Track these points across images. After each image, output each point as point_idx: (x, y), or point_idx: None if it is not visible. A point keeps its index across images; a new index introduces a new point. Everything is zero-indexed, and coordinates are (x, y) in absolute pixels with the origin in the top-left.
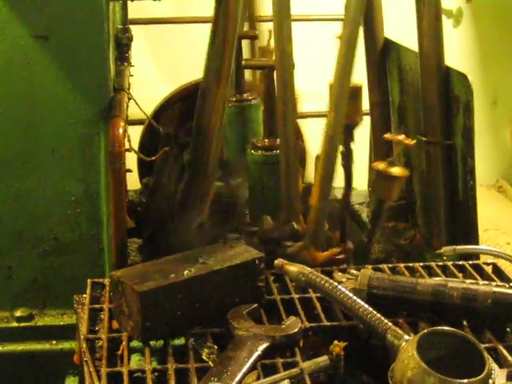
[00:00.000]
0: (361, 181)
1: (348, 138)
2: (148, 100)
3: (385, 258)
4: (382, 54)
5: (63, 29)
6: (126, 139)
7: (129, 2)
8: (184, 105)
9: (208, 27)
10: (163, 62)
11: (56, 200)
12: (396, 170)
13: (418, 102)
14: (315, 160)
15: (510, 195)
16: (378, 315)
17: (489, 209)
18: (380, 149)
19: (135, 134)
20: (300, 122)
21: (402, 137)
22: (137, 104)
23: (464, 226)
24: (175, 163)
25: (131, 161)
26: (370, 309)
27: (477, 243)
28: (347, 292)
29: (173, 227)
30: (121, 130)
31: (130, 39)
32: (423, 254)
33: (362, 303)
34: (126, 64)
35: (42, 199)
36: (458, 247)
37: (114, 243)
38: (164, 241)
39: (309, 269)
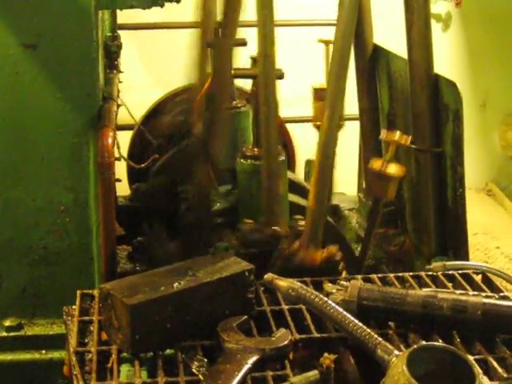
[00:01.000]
0: (350, 186)
1: None
2: (137, 105)
3: (374, 265)
4: (372, 60)
5: (52, 38)
6: (116, 147)
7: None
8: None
9: (195, 32)
10: (152, 67)
11: (45, 209)
12: (392, 169)
13: (408, 109)
14: (305, 164)
15: (499, 199)
16: (368, 330)
17: (478, 213)
18: (370, 155)
19: (125, 138)
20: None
21: (397, 136)
22: (129, 112)
23: (454, 234)
24: None
25: (120, 167)
26: (360, 324)
27: (467, 251)
28: (337, 307)
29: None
30: (110, 140)
31: (119, 47)
32: (413, 260)
33: (352, 318)
34: (115, 72)
35: (31, 208)
36: (448, 263)
37: (103, 253)
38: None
39: (298, 284)
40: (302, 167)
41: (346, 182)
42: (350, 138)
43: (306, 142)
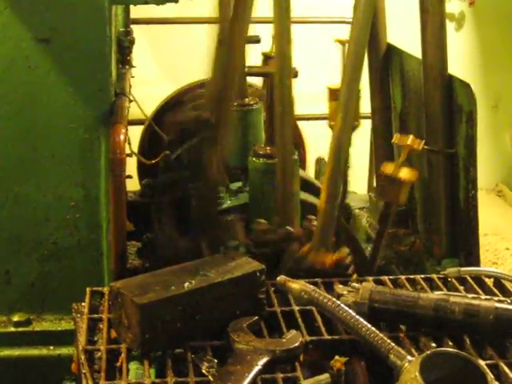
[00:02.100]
0: (361, 185)
1: None
2: (149, 100)
3: (385, 265)
4: (385, 60)
5: (65, 32)
6: (127, 143)
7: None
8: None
9: (209, 28)
10: (164, 62)
11: (55, 205)
12: (404, 174)
13: (420, 108)
14: (315, 163)
15: (509, 200)
16: (381, 335)
17: (488, 213)
18: (381, 154)
19: (136, 133)
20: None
21: (410, 140)
22: (139, 108)
23: (465, 235)
24: None
25: (131, 162)
26: (373, 328)
27: (478, 253)
28: (350, 311)
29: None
30: (122, 137)
31: (132, 42)
32: (423, 261)
33: (365, 323)
34: (127, 67)
35: (41, 203)
36: (463, 269)
37: (113, 250)
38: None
39: (311, 286)
40: (312, 165)
41: (357, 180)
42: (361, 136)
43: (316, 140)
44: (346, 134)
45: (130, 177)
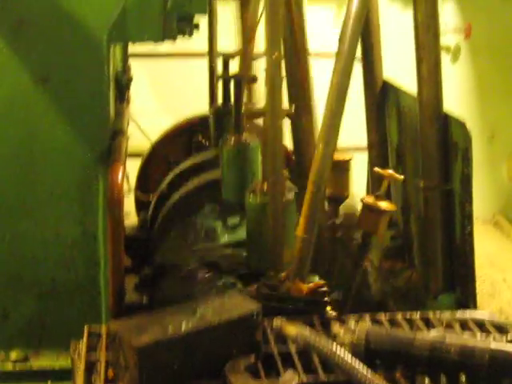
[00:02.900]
0: None
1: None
2: (147, 130)
3: (382, 300)
4: (381, 95)
5: (63, 71)
6: (125, 180)
7: None
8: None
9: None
10: (163, 94)
11: (54, 242)
12: (384, 204)
13: (416, 144)
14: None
15: (506, 231)
16: (377, 382)
17: (485, 244)
18: (377, 190)
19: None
20: None
21: (390, 172)
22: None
23: (461, 271)
24: None
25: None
26: (369, 375)
27: (474, 289)
28: (345, 356)
29: None
30: (120, 177)
31: (130, 79)
32: (420, 296)
33: (361, 369)
34: (125, 104)
35: (39, 241)
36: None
37: (111, 289)
38: None
39: (307, 330)
40: None
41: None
42: (359, 169)
43: None
44: (327, 163)
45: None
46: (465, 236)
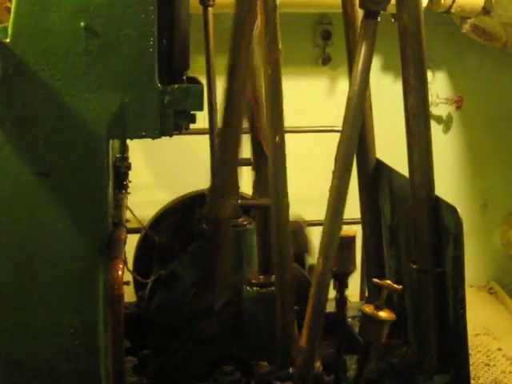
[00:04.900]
0: (353, 291)
1: (341, 286)
2: (143, 205)
3: (377, 378)
4: (374, 174)
5: (64, 166)
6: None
7: None
8: (180, 215)
9: (205, 138)
10: (159, 168)
11: (54, 332)
12: (383, 314)
13: (409, 225)
14: (308, 270)
15: (500, 297)
16: None
17: (480, 312)
18: (372, 266)
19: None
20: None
21: (388, 282)
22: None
23: (454, 353)
24: None
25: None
26: None
27: (468, 372)
28: None
29: None
30: (120, 273)
31: (129, 168)
32: (414, 376)
33: None
34: (123, 192)
35: (39, 331)
36: None
37: (112, 376)
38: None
39: None
40: None
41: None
42: None
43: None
44: (327, 277)
45: (127, 283)
46: (458, 319)
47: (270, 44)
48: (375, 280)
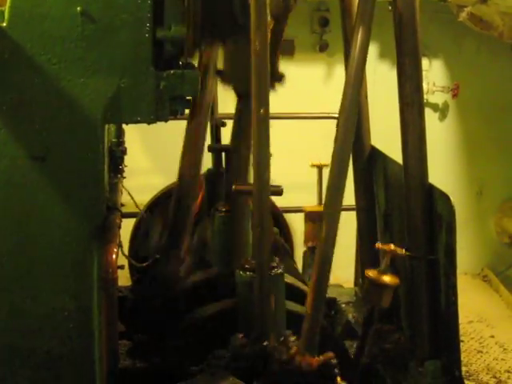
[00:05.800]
0: (347, 277)
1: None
2: (140, 189)
3: (370, 363)
4: (369, 161)
5: (60, 151)
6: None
7: None
8: None
9: None
10: (155, 153)
11: (49, 315)
12: (387, 278)
13: (403, 212)
14: (303, 255)
15: (494, 285)
16: None
17: (473, 299)
18: (366, 253)
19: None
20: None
21: (392, 247)
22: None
23: (446, 339)
24: None
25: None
26: None
27: (459, 357)
28: None
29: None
30: (114, 257)
31: (124, 152)
32: (407, 362)
33: None
34: (119, 176)
35: (34, 314)
36: None
37: (105, 358)
38: None
39: None
40: (299, 254)
41: (343, 272)
42: (348, 227)
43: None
44: (331, 247)
45: (121, 267)
46: (449, 306)
47: (258, 18)
48: (378, 245)
